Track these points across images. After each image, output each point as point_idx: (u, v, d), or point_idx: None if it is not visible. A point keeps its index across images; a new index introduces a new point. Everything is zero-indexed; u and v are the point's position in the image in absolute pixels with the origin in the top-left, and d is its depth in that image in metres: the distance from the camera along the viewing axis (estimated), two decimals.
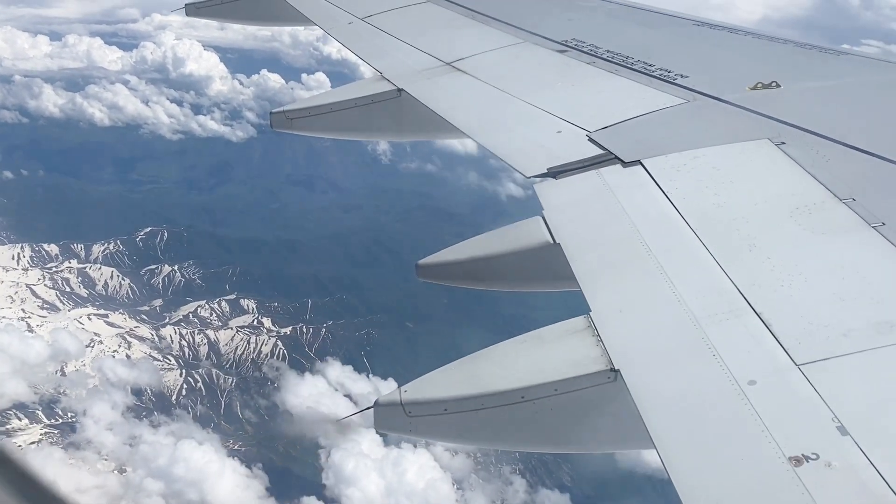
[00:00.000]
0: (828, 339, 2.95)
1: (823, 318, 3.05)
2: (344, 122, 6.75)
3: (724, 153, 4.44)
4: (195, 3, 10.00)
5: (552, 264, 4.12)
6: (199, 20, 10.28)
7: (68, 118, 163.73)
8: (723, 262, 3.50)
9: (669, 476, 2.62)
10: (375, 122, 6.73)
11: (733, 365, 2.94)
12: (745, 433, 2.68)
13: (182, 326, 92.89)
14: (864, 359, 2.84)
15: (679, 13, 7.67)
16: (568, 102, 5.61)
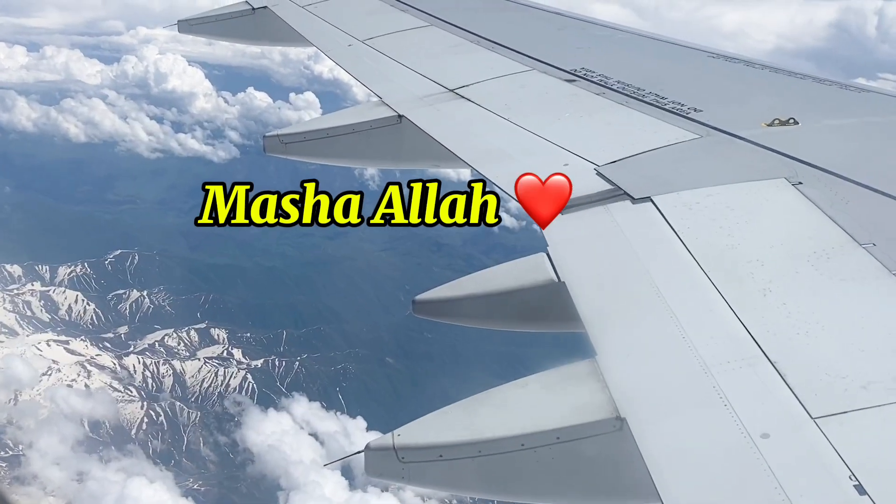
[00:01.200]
0: (846, 392, 2.94)
1: (842, 369, 3.04)
2: (341, 149, 6.77)
3: (739, 192, 4.45)
4: (188, 20, 10.09)
5: (556, 304, 4.11)
6: (185, 35, 10.36)
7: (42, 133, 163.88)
8: (736, 307, 3.49)
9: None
10: (374, 149, 6.75)
11: (746, 416, 2.93)
12: (757, 489, 2.66)
13: (147, 356, 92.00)
14: (885, 413, 2.82)
15: (693, 44, 7.74)
16: (576, 134, 5.64)
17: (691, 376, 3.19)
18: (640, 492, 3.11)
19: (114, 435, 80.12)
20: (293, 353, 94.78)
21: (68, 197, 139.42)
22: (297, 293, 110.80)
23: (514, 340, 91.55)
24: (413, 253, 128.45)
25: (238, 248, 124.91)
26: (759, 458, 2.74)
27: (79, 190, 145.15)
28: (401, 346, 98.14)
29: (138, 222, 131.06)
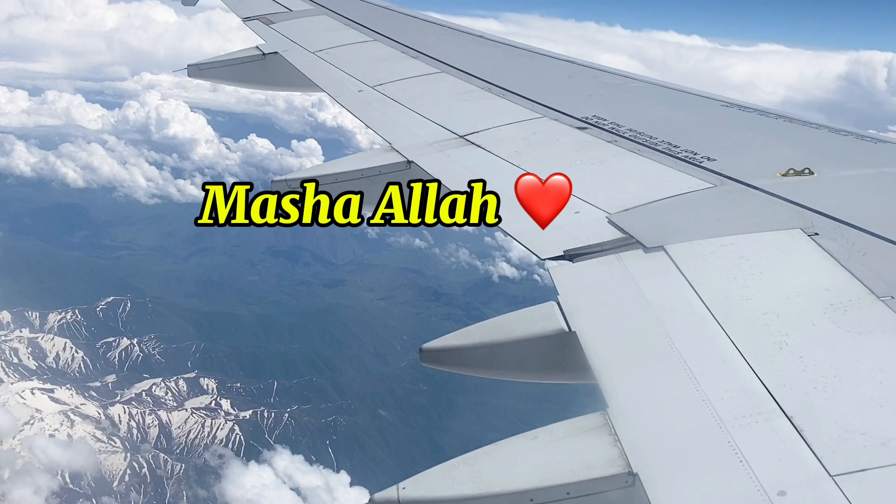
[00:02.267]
0: (865, 449, 2.89)
1: (860, 425, 3.00)
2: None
3: (754, 242, 4.43)
4: (199, 65, 10.21)
5: (567, 354, 4.08)
6: (190, 80, 10.50)
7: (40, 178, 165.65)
8: (751, 360, 3.46)
9: None
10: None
11: (762, 473, 2.88)
12: None
13: (133, 405, 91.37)
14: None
15: (706, 93, 7.79)
16: (587, 182, 5.65)
17: (706, 431, 3.15)
18: None
19: (94, 486, 79.19)
20: (283, 405, 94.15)
21: (65, 242, 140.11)
22: (292, 342, 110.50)
23: (514, 393, 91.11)
24: (411, 302, 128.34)
25: (234, 296, 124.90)
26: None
27: (75, 235, 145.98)
28: (395, 398, 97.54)
29: (134, 268, 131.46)
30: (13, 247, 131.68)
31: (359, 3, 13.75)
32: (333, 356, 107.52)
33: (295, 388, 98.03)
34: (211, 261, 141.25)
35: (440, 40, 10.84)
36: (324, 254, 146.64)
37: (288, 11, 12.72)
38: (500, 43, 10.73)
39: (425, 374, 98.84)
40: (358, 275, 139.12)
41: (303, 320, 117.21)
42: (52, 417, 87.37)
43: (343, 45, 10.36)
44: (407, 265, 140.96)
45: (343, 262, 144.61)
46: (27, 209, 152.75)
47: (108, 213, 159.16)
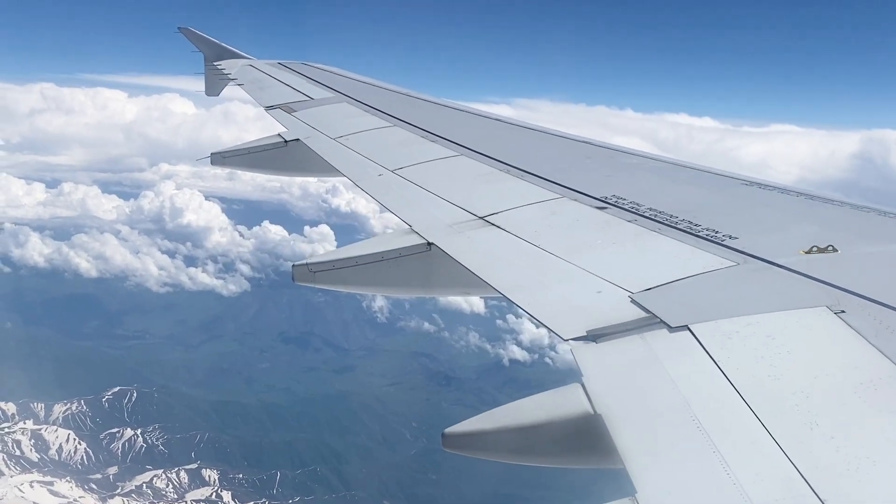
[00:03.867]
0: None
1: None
2: (370, 276, 6.83)
3: (780, 321, 4.39)
4: (221, 153, 10.41)
5: (592, 437, 4.02)
6: (207, 170, 10.72)
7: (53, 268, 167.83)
8: (782, 442, 3.40)
9: None
10: (403, 277, 6.80)
11: None
12: None
13: (133, 498, 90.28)
14: None
15: (726, 172, 7.82)
16: (608, 261, 5.65)
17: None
18: None
19: None
20: (286, 496, 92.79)
21: (77, 332, 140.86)
22: (298, 431, 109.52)
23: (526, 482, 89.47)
24: (422, 387, 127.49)
25: (243, 384, 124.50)
26: None
27: (88, 325, 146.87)
28: (402, 488, 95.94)
29: (145, 358, 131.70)
30: (25, 337, 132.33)
31: (378, 91, 14.04)
32: (340, 445, 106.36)
33: (299, 479, 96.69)
34: (222, 348, 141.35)
35: (458, 124, 11.01)
36: (335, 339, 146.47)
37: (309, 100, 12.99)
38: (518, 125, 10.88)
39: (434, 462, 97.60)
40: (368, 360, 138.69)
41: (311, 408, 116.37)
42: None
43: (363, 130, 10.54)
44: (418, 349, 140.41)
45: (354, 347, 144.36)
46: (40, 300, 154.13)
47: (120, 303, 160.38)
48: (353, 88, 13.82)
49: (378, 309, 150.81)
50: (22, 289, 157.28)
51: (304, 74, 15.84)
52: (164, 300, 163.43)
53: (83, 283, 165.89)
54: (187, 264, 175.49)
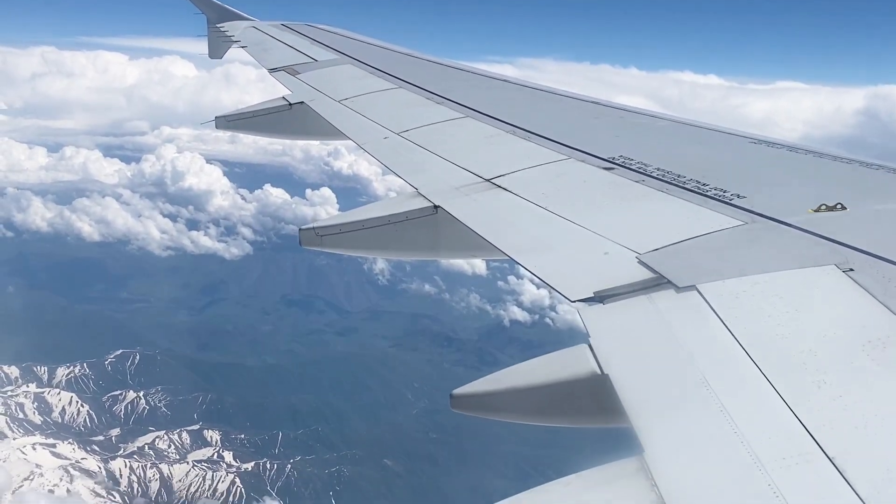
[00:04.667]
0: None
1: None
2: (377, 240, 6.84)
3: (788, 280, 4.39)
4: (226, 116, 10.39)
5: (599, 397, 4.05)
6: (208, 132, 10.74)
7: (56, 232, 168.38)
8: (790, 400, 3.41)
9: None
10: (410, 240, 6.81)
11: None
12: None
13: (135, 459, 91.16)
14: None
15: (734, 130, 7.78)
16: (616, 222, 5.64)
17: (745, 473, 3.10)
18: None
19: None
20: (287, 456, 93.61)
21: (80, 296, 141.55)
22: (301, 392, 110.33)
23: (525, 440, 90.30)
24: (423, 349, 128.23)
25: (247, 346, 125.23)
26: None
27: (93, 289, 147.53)
28: (403, 447, 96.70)
29: (148, 321, 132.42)
30: (29, 301, 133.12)
31: (382, 52, 13.95)
32: (342, 405, 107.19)
33: (300, 439, 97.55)
34: (225, 311, 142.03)
35: (464, 85, 10.95)
36: (339, 301, 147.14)
37: (313, 61, 12.92)
38: (524, 86, 10.81)
39: (435, 422, 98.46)
40: (371, 322, 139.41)
41: (313, 370, 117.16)
42: (52, 473, 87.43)
43: (368, 92, 10.49)
44: (419, 311, 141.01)
45: (357, 309, 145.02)
46: (44, 264, 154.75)
47: (123, 267, 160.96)
48: (357, 50, 13.73)
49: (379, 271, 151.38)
50: (25, 253, 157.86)
51: (307, 36, 15.75)
52: (167, 263, 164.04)
53: (86, 247, 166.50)
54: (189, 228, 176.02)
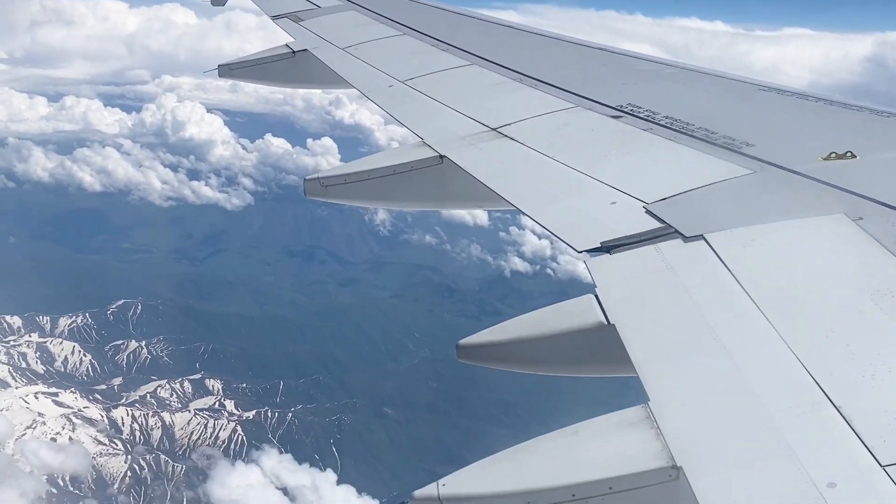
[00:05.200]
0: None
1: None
2: (382, 191, 6.81)
3: (796, 228, 4.37)
4: (229, 65, 10.30)
5: (606, 347, 4.06)
6: (210, 81, 10.64)
7: (57, 183, 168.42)
8: (797, 350, 3.41)
9: None
10: (415, 191, 6.78)
11: (811, 465, 2.84)
12: None
13: (137, 408, 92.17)
14: None
15: (743, 77, 7.69)
16: (623, 172, 5.61)
17: (751, 423, 3.11)
18: None
19: (95, 490, 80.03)
20: (288, 404, 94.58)
21: (83, 246, 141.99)
22: (302, 342, 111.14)
23: (528, 390, 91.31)
24: (424, 299, 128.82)
25: (249, 297, 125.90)
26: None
27: (95, 239, 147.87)
28: (403, 395, 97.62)
29: (152, 271, 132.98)
30: (32, 252, 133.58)
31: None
32: (343, 355, 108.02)
33: (301, 388, 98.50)
34: (227, 262, 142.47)
35: (470, 32, 10.82)
36: (340, 252, 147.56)
37: (316, 8, 12.76)
38: (531, 32, 10.68)
39: (435, 371, 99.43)
40: (372, 273, 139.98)
41: (315, 320, 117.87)
42: (55, 421, 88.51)
43: (372, 40, 10.38)
44: (421, 262, 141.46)
45: (358, 260, 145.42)
46: (46, 214, 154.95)
47: (125, 217, 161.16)
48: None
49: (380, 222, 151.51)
50: (27, 203, 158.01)
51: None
52: (169, 214, 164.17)
53: (87, 198, 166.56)
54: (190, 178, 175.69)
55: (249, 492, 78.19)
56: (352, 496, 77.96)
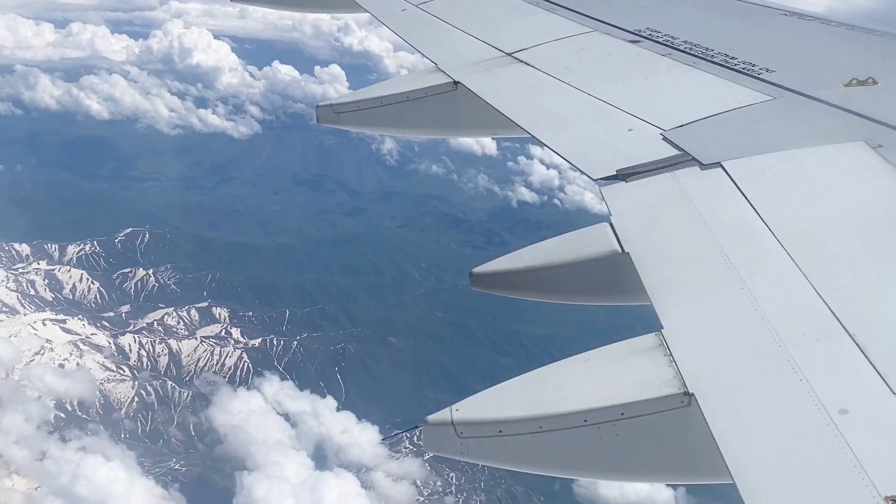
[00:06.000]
0: None
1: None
2: (395, 118, 6.77)
3: (815, 156, 4.34)
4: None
5: (620, 275, 4.07)
6: (217, 7, 10.48)
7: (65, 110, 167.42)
8: (812, 278, 3.41)
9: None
10: (429, 118, 6.74)
11: (823, 392, 2.87)
12: (835, 468, 2.61)
13: (144, 335, 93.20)
14: None
15: (764, 2, 7.55)
16: (640, 98, 5.55)
17: (764, 350, 3.13)
18: (708, 470, 3.08)
19: (103, 414, 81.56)
20: (294, 333, 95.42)
21: (91, 175, 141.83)
22: (309, 271, 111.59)
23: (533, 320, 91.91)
24: (431, 229, 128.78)
25: (257, 226, 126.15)
26: (837, 435, 2.69)
27: (103, 168, 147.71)
28: (408, 325, 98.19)
29: (159, 200, 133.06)
30: (40, 179, 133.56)
31: None
32: (349, 284, 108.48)
33: (307, 317, 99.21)
34: (235, 191, 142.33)
35: None
36: (349, 182, 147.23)
37: None
38: None
39: (440, 301, 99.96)
40: (380, 202, 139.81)
41: (322, 249, 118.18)
42: (62, 348, 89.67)
43: None
44: (428, 192, 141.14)
45: (367, 189, 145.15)
46: (55, 142, 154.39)
47: (134, 145, 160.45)
48: None
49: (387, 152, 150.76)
50: (35, 131, 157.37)
51: None
52: (176, 142, 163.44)
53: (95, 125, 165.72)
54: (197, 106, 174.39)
55: (251, 417, 79.65)
56: (351, 422, 79.35)
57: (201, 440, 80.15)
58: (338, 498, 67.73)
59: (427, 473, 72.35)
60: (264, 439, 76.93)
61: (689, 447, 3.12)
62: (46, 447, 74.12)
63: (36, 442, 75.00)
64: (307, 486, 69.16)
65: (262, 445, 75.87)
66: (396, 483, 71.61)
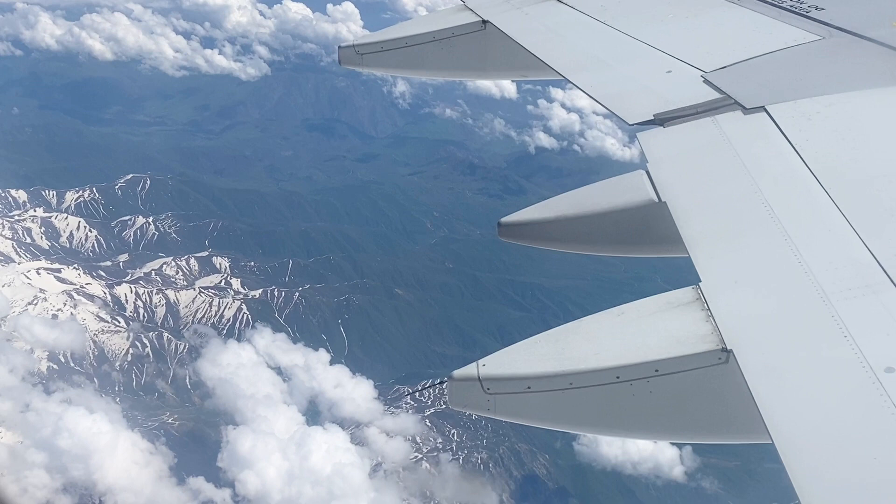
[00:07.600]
0: None
1: None
2: (420, 59, 6.71)
3: (865, 100, 4.26)
4: None
5: (656, 226, 4.04)
6: None
7: (67, 51, 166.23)
8: (859, 229, 3.36)
9: (788, 473, 2.55)
10: (456, 59, 6.68)
11: (869, 348, 2.84)
12: (880, 429, 2.59)
13: (141, 285, 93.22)
14: None
15: None
16: (680, 37, 5.47)
17: (807, 305, 3.09)
18: (744, 430, 3.07)
19: (96, 366, 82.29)
20: (296, 284, 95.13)
21: (94, 118, 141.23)
22: (316, 220, 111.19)
23: (546, 272, 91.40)
24: (445, 176, 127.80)
25: (265, 172, 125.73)
26: (883, 395, 2.66)
27: (108, 111, 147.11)
28: (417, 276, 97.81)
29: (165, 144, 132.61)
30: (42, 123, 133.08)
31: None
32: (357, 234, 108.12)
33: (311, 267, 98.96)
34: (245, 135, 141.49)
35: None
36: (363, 126, 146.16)
37: None
38: None
39: (452, 251, 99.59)
40: (393, 148, 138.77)
41: (331, 197, 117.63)
42: (56, 297, 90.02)
43: None
44: (443, 137, 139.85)
45: (380, 134, 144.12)
46: (58, 84, 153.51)
47: (140, 87, 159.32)
48: None
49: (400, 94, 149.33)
50: (36, 72, 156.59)
51: None
52: (182, 84, 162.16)
53: (99, 67, 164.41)
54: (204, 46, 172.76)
55: (240, 371, 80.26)
56: (345, 376, 79.75)
57: (196, 393, 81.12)
58: (325, 453, 68.51)
59: (426, 430, 72.76)
60: (254, 393, 77.76)
61: (726, 406, 3.12)
62: (30, 399, 75.15)
63: (20, 394, 76.00)
64: (294, 441, 70.02)
65: (252, 399, 76.71)
66: (391, 439, 72.17)
